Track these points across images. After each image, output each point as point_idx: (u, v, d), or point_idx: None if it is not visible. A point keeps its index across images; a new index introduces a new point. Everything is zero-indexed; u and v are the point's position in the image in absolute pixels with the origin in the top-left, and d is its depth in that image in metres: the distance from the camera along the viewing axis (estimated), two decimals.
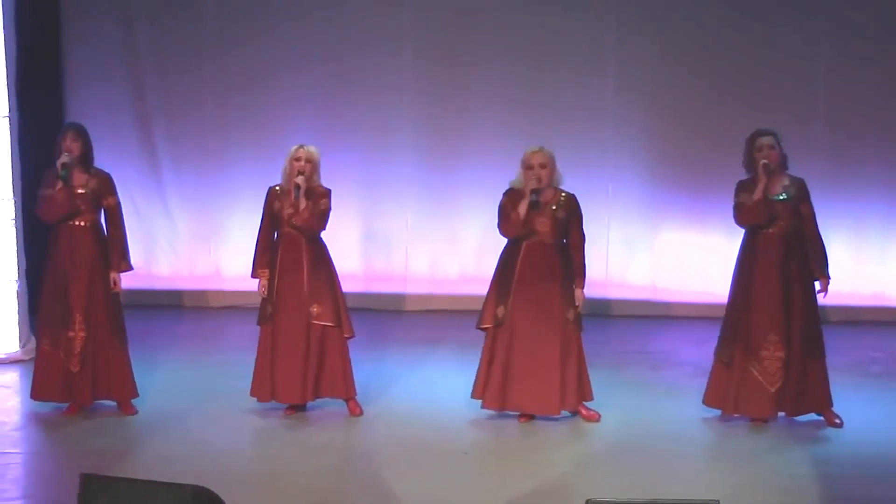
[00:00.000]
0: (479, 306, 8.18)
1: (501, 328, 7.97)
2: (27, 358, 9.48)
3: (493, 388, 7.98)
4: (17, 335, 9.56)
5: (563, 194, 7.96)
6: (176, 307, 11.62)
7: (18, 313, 9.57)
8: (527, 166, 7.90)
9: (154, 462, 7.17)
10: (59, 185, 7.88)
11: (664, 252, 11.50)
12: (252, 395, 8.17)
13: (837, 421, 7.96)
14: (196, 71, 11.63)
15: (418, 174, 11.58)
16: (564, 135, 10.94)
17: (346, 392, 8.16)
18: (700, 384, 8.26)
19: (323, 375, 8.10)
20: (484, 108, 11.46)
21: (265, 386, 8.10)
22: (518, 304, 7.91)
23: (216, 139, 11.69)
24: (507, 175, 8.10)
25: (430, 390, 8.84)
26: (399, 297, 11.71)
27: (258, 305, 8.24)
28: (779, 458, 7.40)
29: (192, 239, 11.80)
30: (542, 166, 7.87)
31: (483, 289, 8.21)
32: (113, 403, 8.20)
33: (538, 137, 10.89)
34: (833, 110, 11.19)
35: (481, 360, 8.08)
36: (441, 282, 11.65)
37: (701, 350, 9.78)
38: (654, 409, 8.32)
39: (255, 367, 8.17)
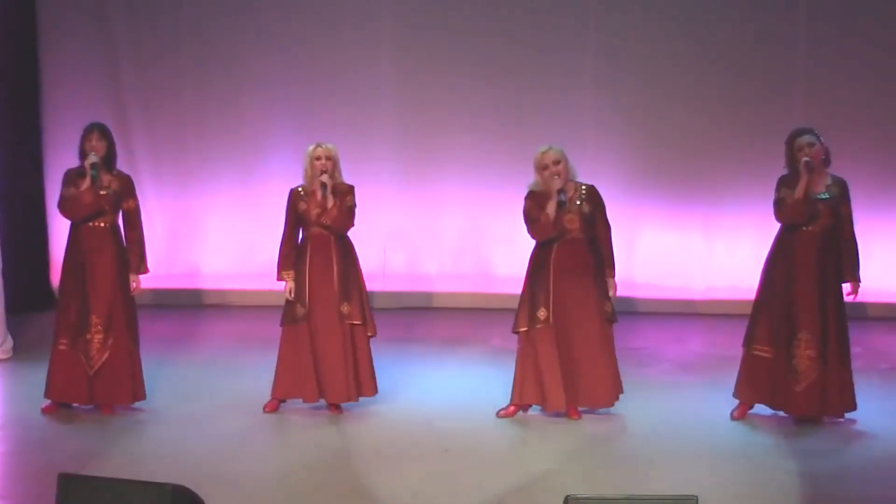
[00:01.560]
0: (457, 303, 8.16)
1: (543, 330, 7.90)
2: (4, 357, 9.43)
3: (555, 388, 7.90)
4: None
5: (584, 187, 7.96)
6: (154, 306, 11.56)
7: None
8: (541, 167, 7.87)
9: (133, 462, 7.13)
10: (87, 184, 7.85)
11: (643, 249, 11.50)
12: (276, 395, 8.11)
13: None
14: (174, 67, 11.58)
15: (398, 171, 11.56)
16: (543, 133, 10.93)
17: (374, 390, 8.16)
18: (680, 380, 8.26)
19: (359, 375, 8.11)
20: (462, 106, 11.43)
21: (309, 385, 8.02)
22: (560, 304, 7.87)
23: (194, 136, 11.64)
24: (487, 174, 8.09)
25: (408, 388, 8.82)
26: (377, 295, 11.69)
27: (230, 303, 8.19)
28: (762, 454, 7.41)
29: (170, 237, 11.75)
30: (557, 163, 7.84)
31: (460, 287, 8.19)
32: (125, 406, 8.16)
33: (517, 136, 10.99)
34: (811, 104, 11.22)
35: (521, 364, 7.99)
36: (419, 279, 11.62)
37: (680, 346, 9.85)
38: (635, 406, 8.33)
39: (279, 367, 8.10)
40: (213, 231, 11.56)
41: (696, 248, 11.22)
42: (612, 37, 11.36)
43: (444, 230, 11.52)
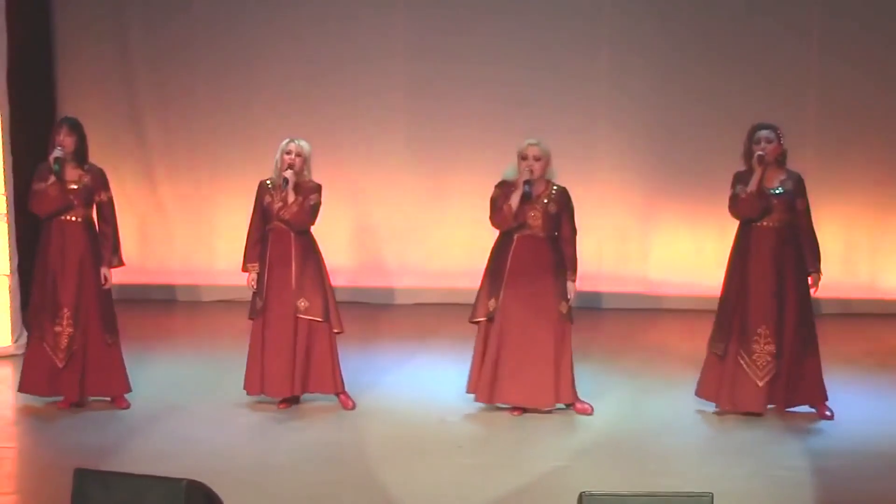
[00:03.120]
0: (471, 299, 8.17)
1: (493, 322, 7.97)
2: (19, 352, 9.46)
3: (484, 381, 7.98)
4: (10, 330, 9.54)
5: (555, 187, 7.97)
6: (169, 301, 11.61)
7: (11, 308, 9.54)
8: (521, 157, 7.90)
9: (147, 457, 7.16)
10: (52, 179, 7.86)
11: (656, 245, 11.49)
12: (244, 388, 8.18)
13: (829, 413, 7.98)
14: (188, 64, 11.60)
15: (409, 165, 11.56)
16: (556, 125, 10.96)
17: (335, 387, 8.17)
18: (692, 377, 8.26)
19: (310, 370, 8.11)
20: (474, 99, 11.42)
21: (255, 379, 8.10)
22: (510, 298, 7.92)
23: (208, 132, 11.64)
24: (499, 166, 8.10)
25: (422, 384, 8.83)
26: (390, 291, 11.70)
27: (244, 299, 8.23)
28: (772, 451, 7.41)
29: (184, 233, 11.77)
30: (537, 159, 7.87)
31: (474, 282, 8.21)
32: (103, 398, 8.18)
33: (529, 127, 10.96)
34: (824, 103, 11.21)
35: (474, 353, 8.08)
36: (431, 275, 11.63)
37: (692, 343, 9.79)
38: (646, 402, 8.33)
39: (248, 361, 8.17)
40: (228, 226, 11.57)
41: (709, 245, 11.19)
42: (626, 33, 11.34)
43: (458, 223, 11.49)
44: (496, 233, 8.06)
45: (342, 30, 11.48)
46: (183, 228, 11.76)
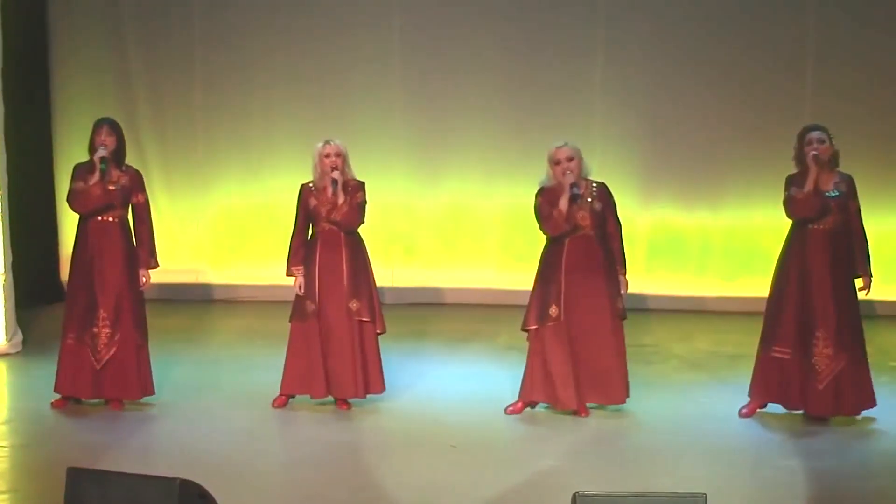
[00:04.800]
0: (469, 299, 8.16)
1: (554, 327, 7.90)
2: (13, 351, 9.46)
3: (566, 386, 7.90)
4: (4, 328, 9.52)
5: (595, 184, 7.96)
6: (162, 301, 11.57)
7: (5, 307, 9.52)
8: (554, 161, 7.87)
9: (141, 456, 7.17)
10: (96, 178, 7.86)
11: (652, 246, 11.49)
12: (285, 391, 8.12)
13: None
14: (185, 62, 11.61)
15: (408, 167, 11.57)
16: (550, 130, 10.92)
17: (382, 387, 8.17)
18: (687, 377, 8.26)
19: (367, 371, 8.12)
20: (471, 103, 11.44)
21: (318, 381, 8.04)
22: (571, 301, 7.87)
23: (204, 130, 11.66)
24: (494, 171, 8.09)
25: (416, 384, 8.83)
26: (390, 291, 11.71)
27: (239, 298, 8.20)
28: (769, 452, 7.40)
29: (180, 233, 11.76)
30: (570, 159, 7.84)
31: (471, 283, 8.20)
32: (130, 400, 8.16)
33: (524, 131, 10.99)
34: (820, 102, 11.22)
35: (531, 361, 7.99)
36: (431, 275, 11.62)
37: (688, 344, 9.83)
38: (643, 403, 8.32)
39: (289, 363, 8.11)
40: (222, 226, 11.57)
41: (705, 246, 11.19)
42: (623, 32, 11.35)
43: (456, 224, 11.50)
44: (491, 233, 8.04)
45: (339, 27, 11.48)
46: (177, 227, 11.74)
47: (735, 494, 6.59)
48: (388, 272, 11.61)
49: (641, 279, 11.42)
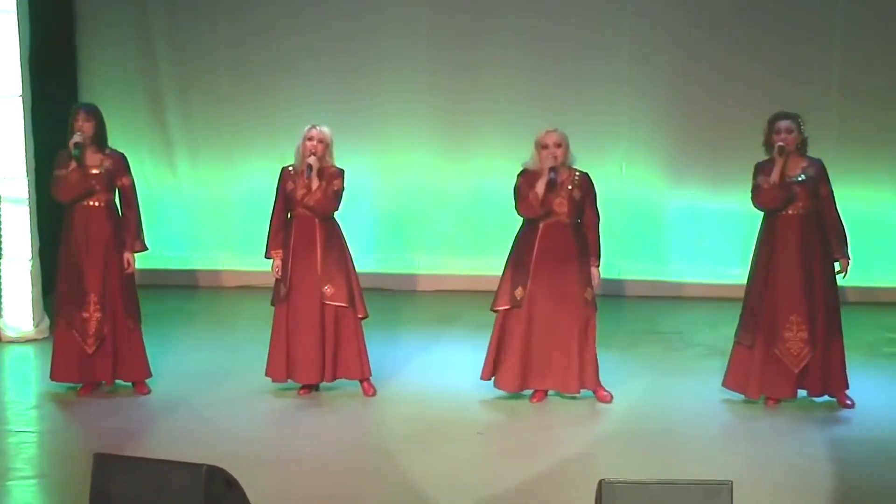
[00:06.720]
0: (492, 287, 8.15)
1: (518, 310, 7.95)
2: (41, 337, 9.51)
3: (510, 369, 7.97)
4: (31, 314, 9.57)
5: (578, 173, 7.95)
6: (190, 287, 11.62)
7: (32, 292, 9.57)
8: (541, 146, 7.88)
9: (167, 442, 7.19)
10: (73, 165, 7.87)
11: (678, 233, 11.45)
12: (267, 375, 8.17)
13: (849, 402, 7.94)
14: (210, 50, 11.62)
15: (434, 149, 11.55)
16: (577, 113, 10.94)
17: (361, 373, 8.17)
18: (713, 365, 8.24)
19: (339, 356, 8.11)
20: (497, 86, 11.42)
21: (281, 366, 8.10)
22: (537, 286, 7.91)
23: (230, 118, 11.67)
24: (521, 155, 8.08)
25: (442, 371, 8.83)
26: (412, 278, 11.70)
27: (272, 286, 8.24)
28: (793, 439, 7.39)
29: (205, 219, 11.79)
30: (558, 145, 7.85)
31: (495, 269, 8.19)
32: (127, 383, 8.21)
33: (552, 115, 10.93)
34: (846, 90, 11.15)
35: (492, 341, 8.07)
36: (454, 262, 11.61)
37: (713, 331, 9.78)
38: (667, 390, 8.31)
39: (270, 347, 8.17)
40: (249, 212, 11.58)
41: (731, 233, 11.13)
42: (649, 18, 11.30)
43: (483, 207, 11.48)
44: (515, 221, 8.04)
45: (365, 12, 11.46)
46: (203, 213, 11.77)
47: (761, 482, 6.58)
48: (415, 258, 11.65)
49: (667, 266, 11.43)
